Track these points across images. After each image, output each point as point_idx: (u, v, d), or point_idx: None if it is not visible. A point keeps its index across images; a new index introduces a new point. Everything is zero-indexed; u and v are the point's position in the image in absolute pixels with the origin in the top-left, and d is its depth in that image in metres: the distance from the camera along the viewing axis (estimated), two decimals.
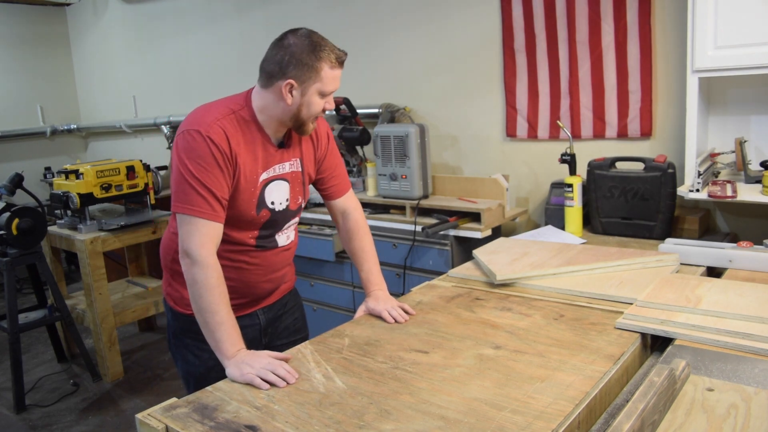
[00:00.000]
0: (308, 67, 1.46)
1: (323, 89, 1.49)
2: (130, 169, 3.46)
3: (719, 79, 2.23)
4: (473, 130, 3.15)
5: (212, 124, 1.46)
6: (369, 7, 3.35)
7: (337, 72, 1.50)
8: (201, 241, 1.43)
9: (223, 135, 1.46)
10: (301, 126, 1.54)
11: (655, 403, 1.06)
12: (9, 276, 3.11)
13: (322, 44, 1.47)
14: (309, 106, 1.50)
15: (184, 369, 1.71)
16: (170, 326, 1.75)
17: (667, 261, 1.86)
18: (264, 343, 1.75)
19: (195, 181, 1.43)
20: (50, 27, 5.76)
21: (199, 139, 1.44)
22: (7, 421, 3.02)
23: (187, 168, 1.44)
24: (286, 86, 1.47)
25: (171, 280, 1.69)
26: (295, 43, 1.46)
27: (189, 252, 1.43)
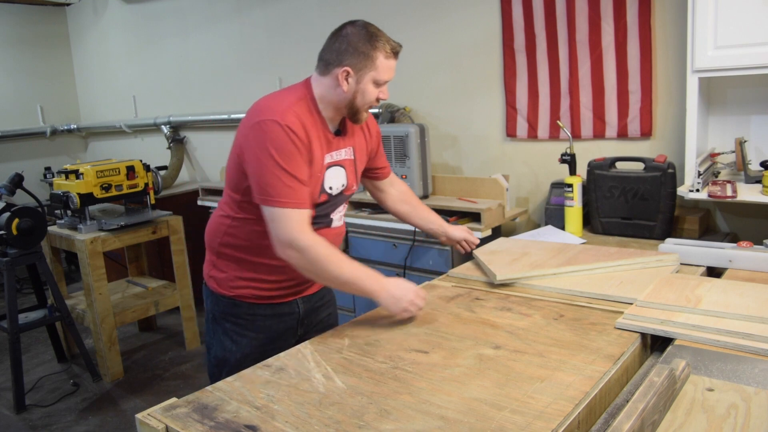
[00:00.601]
0: (364, 55, 1.53)
1: (378, 78, 1.56)
2: (130, 169, 3.46)
3: (719, 79, 2.23)
4: (473, 130, 3.15)
5: (286, 112, 1.50)
6: (369, 7, 3.34)
7: (392, 62, 1.58)
8: (298, 229, 1.49)
9: (298, 122, 1.51)
10: (355, 114, 1.61)
11: (655, 403, 1.06)
12: (9, 276, 3.11)
13: (378, 35, 1.55)
14: (364, 93, 1.57)
15: (219, 356, 1.74)
16: (209, 312, 1.77)
17: (667, 261, 1.86)
18: (299, 334, 1.79)
19: (281, 172, 1.47)
20: (50, 27, 5.76)
21: (277, 128, 1.47)
22: (7, 421, 3.02)
23: (272, 159, 1.47)
24: (343, 73, 1.54)
25: (216, 261, 1.73)
26: (353, 32, 1.55)
27: (291, 242, 1.49)
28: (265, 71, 4.12)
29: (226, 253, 1.68)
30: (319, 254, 1.48)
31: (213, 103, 4.57)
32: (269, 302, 1.71)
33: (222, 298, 1.72)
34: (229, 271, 1.69)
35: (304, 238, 1.48)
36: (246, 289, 1.69)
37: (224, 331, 1.73)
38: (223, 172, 4.35)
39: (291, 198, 1.48)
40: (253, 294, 1.69)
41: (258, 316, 1.71)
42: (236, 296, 1.70)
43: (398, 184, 2.01)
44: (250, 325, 1.71)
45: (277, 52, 4.04)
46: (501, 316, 1.57)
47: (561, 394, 1.13)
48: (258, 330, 1.72)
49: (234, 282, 1.69)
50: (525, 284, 1.78)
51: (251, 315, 1.71)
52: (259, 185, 1.50)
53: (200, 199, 4.11)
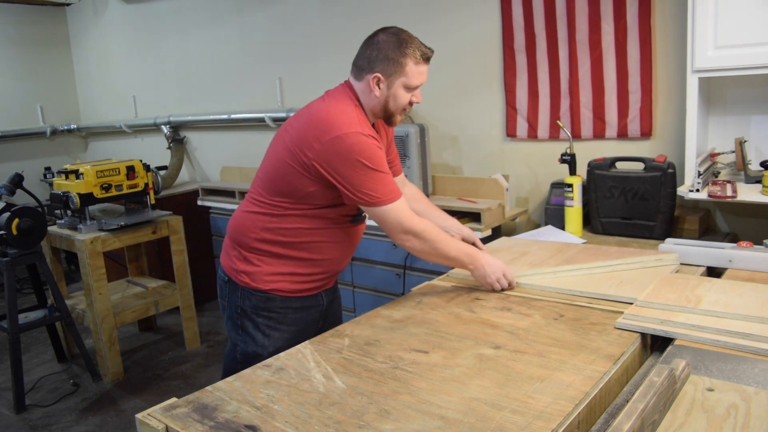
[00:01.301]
0: (394, 62, 1.61)
1: (408, 83, 1.64)
2: (130, 169, 3.46)
3: (719, 79, 2.23)
4: (473, 130, 3.15)
5: (360, 122, 1.61)
6: (368, 7, 3.34)
7: (423, 68, 1.65)
8: (408, 217, 1.65)
9: (369, 127, 1.64)
10: (390, 117, 1.71)
11: (655, 403, 1.06)
12: (9, 276, 3.11)
13: (409, 41, 1.62)
14: (395, 98, 1.66)
15: (250, 352, 1.77)
16: (237, 307, 1.79)
17: (667, 260, 1.86)
18: (320, 326, 1.86)
19: (376, 174, 1.60)
20: (50, 27, 5.76)
21: (362, 139, 1.58)
22: (7, 421, 3.02)
23: (366, 166, 1.58)
24: (374, 79, 1.63)
25: (249, 255, 1.76)
26: (384, 39, 1.63)
27: (409, 230, 1.65)
28: (265, 71, 4.12)
29: (262, 249, 1.73)
30: (433, 235, 1.67)
31: (213, 103, 4.57)
32: (300, 295, 1.78)
33: (255, 293, 1.75)
34: (264, 266, 1.74)
35: (416, 223, 1.65)
36: (281, 283, 1.75)
37: (256, 325, 1.76)
38: (224, 172, 4.36)
39: (392, 193, 1.63)
40: (288, 288, 1.76)
41: (290, 309, 1.78)
42: (271, 290, 1.75)
43: (410, 186, 2.07)
44: (283, 318, 1.77)
45: (277, 52, 4.04)
46: (501, 316, 1.57)
47: (561, 394, 1.13)
48: (290, 323, 1.78)
49: (269, 276, 1.74)
50: (525, 284, 1.78)
51: (284, 308, 1.77)
52: (360, 192, 1.61)
53: (200, 199, 4.11)
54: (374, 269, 2.96)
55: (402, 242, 1.67)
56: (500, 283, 1.72)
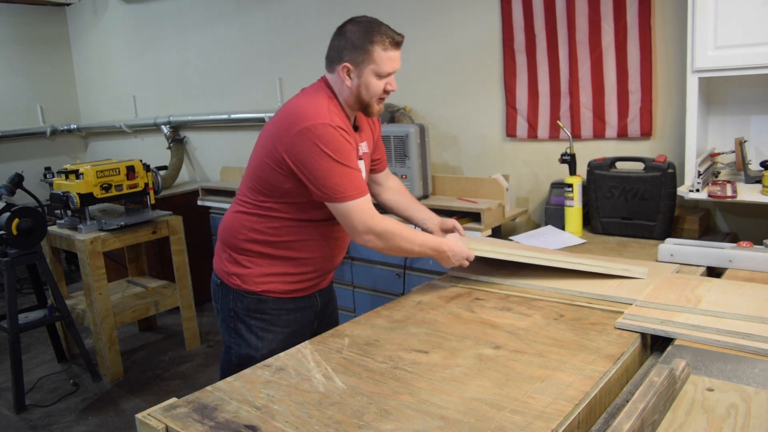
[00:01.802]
0: (360, 49, 1.59)
1: (378, 70, 1.60)
2: (130, 169, 3.45)
3: (719, 79, 2.23)
4: (473, 130, 3.15)
5: (330, 114, 1.58)
6: (369, 8, 3.34)
7: (392, 53, 1.61)
8: (370, 215, 1.61)
9: (341, 120, 1.61)
10: (366, 107, 1.67)
11: (655, 403, 1.06)
12: (9, 276, 3.10)
13: (375, 28, 1.60)
14: (367, 87, 1.62)
15: (243, 354, 1.75)
16: (230, 310, 1.77)
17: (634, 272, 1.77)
18: (315, 327, 1.85)
19: (341, 168, 1.56)
20: (50, 27, 5.76)
21: (329, 130, 1.55)
22: (7, 421, 3.02)
23: (331, 159, 1.55)
24: (343, 69, 1.61)
25: (239, 257, 1.74)
26: (351, 29, 1.62)
27: (369, 229, 1.62)
28: (265, 71, 4.11)
29: (251, 249, 1.72)
30: (395, 233, 1.63)
31: (213, 103, 4.57)
32: (293, 296, 1.77)
33: (247, 295, 1.74)
34: (255, 267, 1.72)
35: (378, 221, 1.62)
36: (273, 284, 1.73)
37: (249, 328, 1.75)
38: (224, 172, 4.36)
39: (356, 189, 1.59)
40: (280, 288, 1.74)
41: (283, 310, 1.76)
42: (263, 291, 1.73)
43: (393, 179, 2.07)
44: (275, 320, 1.76)
45: (277, 52, 4.04)
46: (501, 316, 1.57)
47: (561, 394, 1.13)
48: (283, 324, 1.77)
49: (260, 278, 1.73)
50: (525, 284, 1.78)
51: (277, 310, 1.75)
52: (324, 186, 1.58)
53: (200, 199, 4.11)
54: (374, 269, 2.96)
55: (364, 242, 1.64)
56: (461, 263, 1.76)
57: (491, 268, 1.96)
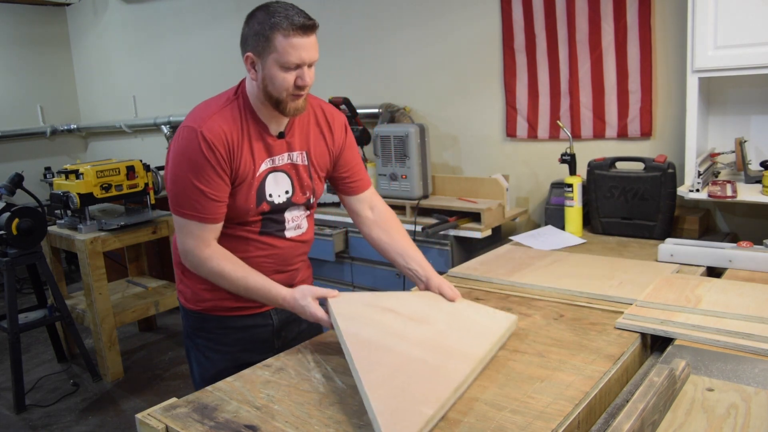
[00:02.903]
0: (261, 36, 1.36)
1: (281, 60, 1.37)
2: (130, 169, 3.46)
3: (719, 79, 2.23)
4: (473, 130, 3.15)
5: (208, 120, 1.41)
6: (369, 7, 3.34)
7: (297, 40, 1.35)
8: (195, 243, 1.45)
9: (220, 131, 1.40)
10: (278, 104, 1.43)
11: (655, 403, 1.06)
12: (9, 276, 3.10)
13: (279, 11, 1.35)
14: (272, 80, 1.39)
15: (198, 372, 1.67)
16: (184, 328, 1.71)
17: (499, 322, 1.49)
18: (277, 346, 1.66)
19: (189, 183, 1.40)
20: (50, 27, 5.76)
21: (193, 138, 1.39)
22: (7, 421, 3.02)
23: (182, 169, 1.41)
24: (247, 60, 1.42)
25: (182, 277, 1.65)
26: (255, 15, 1.40)
27: (187, 254, 1.47)
28: None
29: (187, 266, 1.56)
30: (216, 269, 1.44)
31: None
32: (240, 314, 1.60)
33: (191, 314, 1.63)
34: (193, 285, 1.60)
35: (200, 253, 1.44)
36: (212, 302, 1.59)
37: (197, 346, 1.65)
38: None
39: (196, 211, 1.42)
40: (220, 306, 1.58)
41: (230, 329, 1.61)
42: (203, 310, 1.60)
43: (380, 207, 1.70)
44: (222, 339, 1.62)
45: None
46: None
47: (561, 394, 1.13)
48: (231, 344, 1.62)
49: (199, 295, 1.60)
50: (525, 284, 1.78)
51: (222, 329, 1.61)
52: (170, 192, 1.45)
53: None
54: (374, 269, 2.96)
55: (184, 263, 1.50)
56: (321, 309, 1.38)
57: (491, 267, 1.96)
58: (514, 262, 2.00)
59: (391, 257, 1.64)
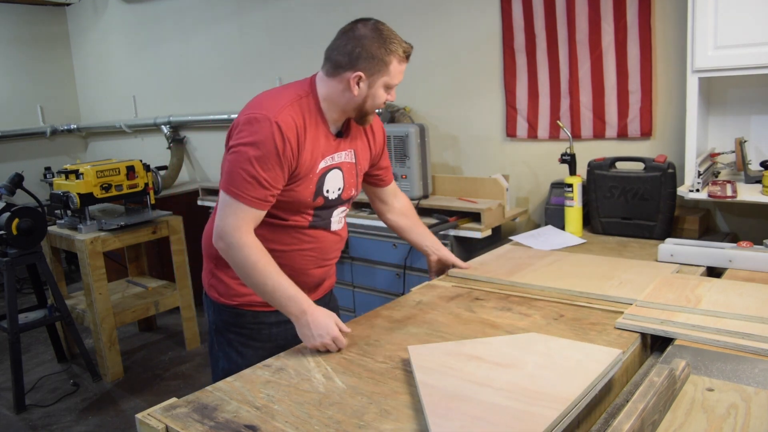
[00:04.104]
0: (378, 60, 1.47)
1: (390, 82, 1.52)
2: (130, 169, 3.46)
3: (719, 79, 2.23)
4: (473, 130, 3.15)
5: (282, 111, 1.46)
6: (369, 8, 3.34)
7: (404, 66, 1.53)
8: (236, 225, 1.44)
9: (292, 123, 1.46)
10: (364, 116, 1.57)
11: (655, 403, 1.06)
12: (9, 276, 3.10)
13: (392, 38, 1.49)
14: (374, 98, 1.52)
15: (226, 368, 1.66)
16: (212, 323, 1.72)
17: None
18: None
19: (249, 166, 1.43)
20: (50, 27, 5.76)
21: (266, 126, 1.43)
22: (7, 421, 3.02)
23: (247, 151, 1.43)
24: (355, 78, 1.48)
25: (216, 271, 1.67)
26: (365, 35, 1.48)
27: (224, 235, 1.45)
28: (265, 71, 4.11)
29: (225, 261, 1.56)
30: (248, 258, 1.43)
31: (213, 103, 4.57)
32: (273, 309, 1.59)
33: (225, 308, 1.66)
34: (229, 280, 1.64)
35: (237, 235, 1.44)
36: (248, 297, 1.63)
37: (229, 342, 1.67)
38: None
39: (246, 193, 1.43)
40: (256, 301, 1.62)
41: (263, 324, 1.66)
42: (239, 305, 1.64)
43: (402, 198, 1.94)
44: (255, 334, 1.66)
45: (277, 52, 4.04)
46: (501, 316, 1.57)
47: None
48: (264, 339, 1.66)
49: (235, 290, 1.64)
50: (525, 284, 1.78)
51: (256, 324, 1.66)
52: (227, 172, 1.46)
53: (200, 199, 4.11)
54: (374, 269, 2.96)
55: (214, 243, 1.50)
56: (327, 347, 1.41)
57: (491, 268, 1.96)
58: (514, 262, 2.00)
59: (412, 239, 1.92)
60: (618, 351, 1.22)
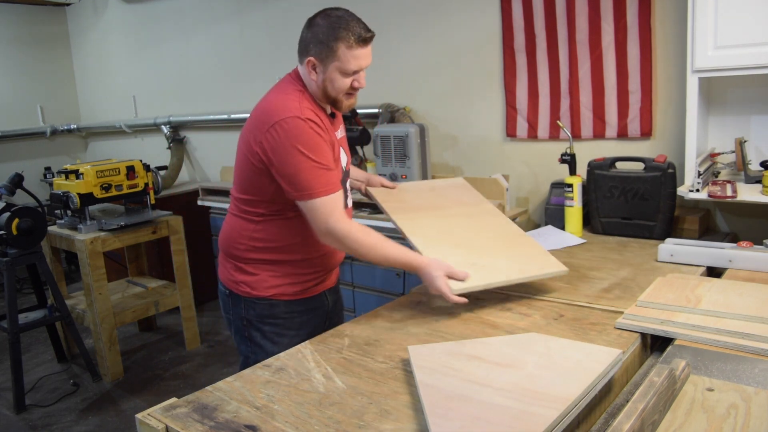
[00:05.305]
0: (325, 45, 1.55)
1: (342, 68, 1.56)
2: (130, 169, 3.46)
3: (719, 79, 2.23)
4: (473, 130, 3.15)
5: (301, 107, 1.56)
6: (369, 7, 3.34)
7: (358, 51, 1.56)
8: (336, 217, 1.56)
9: (313, 113, 1.58)
10: (334, 102, 1.65)
11: (655, 403, 1.06)
12: (9, 276, 3.10)
13: (343, 24, 1.54)
14: (332, 83, 1.59)
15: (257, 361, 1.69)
16: (242, 319, 1.76)
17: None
18: (326, 325, 1.81)
19: (312, 164, 1.53)
20: (50, 27, 5.76)
21: (300, 124, 1.53)
22: (7, 421, 3.02)
23: (302, 154, 1.53)
24: (308, 63, 1.59)
25: (244, 266, 1.73)
26: (318, 22, 1.57)
27: (324, 234, 1.58)
28: (265, 71, 4.11)
29: (254, 258, 1.71)
30: (358, 240, 1.56)
31: (213, 103, 4.57)
32: (303, 296, 1.76)
33: (258, 301, 1.72)
34: (262, 273, 1.71)
35: (340, 226, 1.56)
36: (282, 287, 1.72)
37: (263, 334, 1.74)
38: (224, 172, 4.35)
39: (324, 186, 1.55)
40: (290, 291, 1.73)
41: (295, 313, 1.75)
42: (273, 296, 1.72)
43: None
44: (289, 323, 1.75)
45: (277, 52, 4.03)
46: (501, 316, 1.57)
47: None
48: (297, 327, 1.76)
49: (269, 282, 1.71)
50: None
51: (289, 313, 1.75)
52: (293, 183, 1.55)
53: (200, 199, 4.11)
54: (374, 269, 2.96)
55: (325, 242, 1.62)
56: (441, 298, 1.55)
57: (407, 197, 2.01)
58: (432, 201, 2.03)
59: None
60: (618, 351, 1.22)
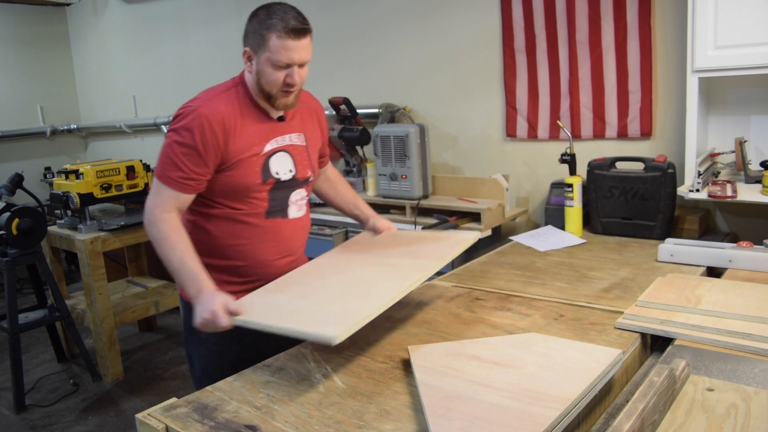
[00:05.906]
0: (257, 35, 1.50)
1: (273, 59, 1.49)
2: (130, 169, 3.46)
3: (719, 79, 2.23)
4: (473, 130, 3.15)
5: (210, 102, 1.53)
6: (369, 7, 3.34)
7: (289, 42, 1.48)
8: (156, 202, 1.52)
9: (218, 114, 1.52)
10: (269, 98, 1.57)
11: (655, 403, 1.06)
12: (9, 276, 3.10)
13: (278, 15, 1.48)
14: (263, 76, 1.52)
15: (201, 366, 1.69)
16: (186, 322, 1.71)
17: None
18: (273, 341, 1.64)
19: (170, 151, 1.51)
20: (50, 27, 5.76)
21: (193, 115, 1.50)
22: (7, 421, 3.02)
23: (173, 138, 1.51)
24: (244, 54, 1.56)
25: None
26: (258, 13, 1.52)
27: (146, 212, 1.53)
28: None
29: None
30: (160, 233, 1.49)
31: None
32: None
33: (190, 304, 1.60)
34: None
35: (157, 212, 1.51)
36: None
37: (200, 340, 1.66)
38: None
39: (166, 174, 1.51)
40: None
41: None
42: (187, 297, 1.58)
43: (330, 170, 1.93)
44: (227, 331, 1.50)
45: None
46: (501, 316, 1.57)
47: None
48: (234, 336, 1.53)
49: None
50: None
51: None
52: (158, 159, 1.54)
53: None
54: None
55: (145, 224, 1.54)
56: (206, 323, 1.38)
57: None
58: None
59: (339, 205, 1.90)
60: (618, 351, 1.22)
